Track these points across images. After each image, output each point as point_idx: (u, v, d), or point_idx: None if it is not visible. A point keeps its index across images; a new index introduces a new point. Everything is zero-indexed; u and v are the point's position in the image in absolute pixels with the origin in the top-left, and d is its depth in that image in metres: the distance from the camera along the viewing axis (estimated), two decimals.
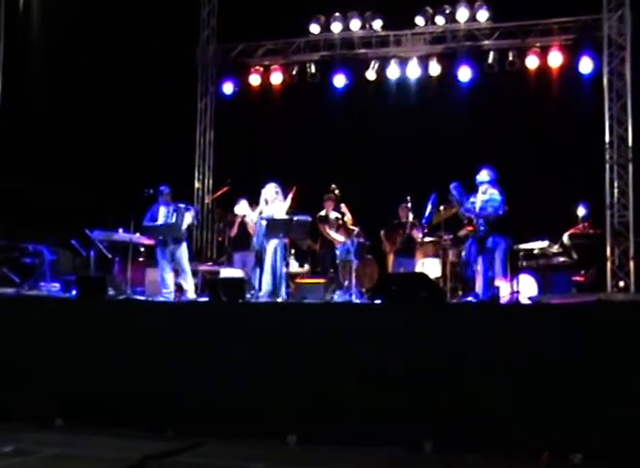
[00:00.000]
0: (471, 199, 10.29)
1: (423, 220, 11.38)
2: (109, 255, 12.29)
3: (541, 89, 14.23)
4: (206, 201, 15.34)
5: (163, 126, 14.88)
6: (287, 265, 11.10)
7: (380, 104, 14.96)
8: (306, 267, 13.17)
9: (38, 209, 13.36)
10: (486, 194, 10.20)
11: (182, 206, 11.52)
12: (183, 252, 11.34)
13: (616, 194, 13.15)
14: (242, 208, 11.62)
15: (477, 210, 10.14)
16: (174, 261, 11.24)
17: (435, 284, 9.56)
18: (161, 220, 11.36)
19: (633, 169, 13.05)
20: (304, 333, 8.25)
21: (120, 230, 12.21)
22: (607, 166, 13.34)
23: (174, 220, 11.28)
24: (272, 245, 10.62)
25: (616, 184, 13.22)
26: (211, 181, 16.13)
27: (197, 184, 16.06)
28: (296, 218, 10.50)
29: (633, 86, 13.30)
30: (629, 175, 13.06)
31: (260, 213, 10.86)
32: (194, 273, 11.89)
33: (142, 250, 12.62)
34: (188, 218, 11.54)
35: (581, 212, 11.93)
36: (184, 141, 15.94)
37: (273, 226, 10.33)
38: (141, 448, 7.71)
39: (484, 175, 10.40)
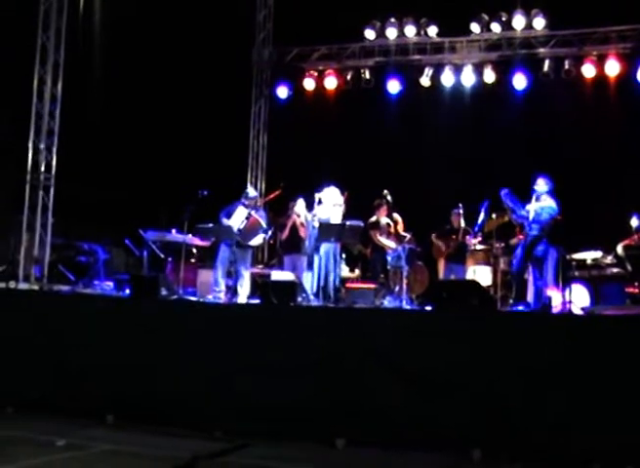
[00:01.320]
0: (526, 207, 10.23)
1: (476, 227, 11.35)
2: (162, 256, 12.44)
3: (598, 98, 14.09)
4: (258, 204, 15.39)
5: (217, 128, 15.02)
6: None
7: (433, 111, 14.94)
8: (357, 272, 13.19)
9: (93, 209, 13.60)
10: (541, 202, 10.13)
11: (264, 224, 11.58)
12: (248, 257, 11.44)
13: None
14: (300, 206, 11.65)
15: (531, 217, 10.07)
16: (234, 263, 11.32)
17: (486, 292, 9.52)
18: (235, 221, 11.44)
19: None
20: (354, 338, 8.27)
21: (173, 231, 12.35)
22: None
23: (242, 226, 11.35)
24: (323, 249, 10.65)
25: None
26: (264, 184, 16.23)
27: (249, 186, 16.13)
28: (348, 223, 10.55)
29: None
30: None
31: (314, 216, 10.90)
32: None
33: (195, 251, 12.75)
34: (259, 239, 11.66)
35: (635, 222, 11.77)
36: (238, 144, 16.06)
37: (326, 230, 10.37)
38: (190, 447, 7.76)
39: (542, 185, 10.35)
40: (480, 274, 12.04)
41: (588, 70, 14.19)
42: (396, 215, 12.83)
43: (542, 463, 7.33)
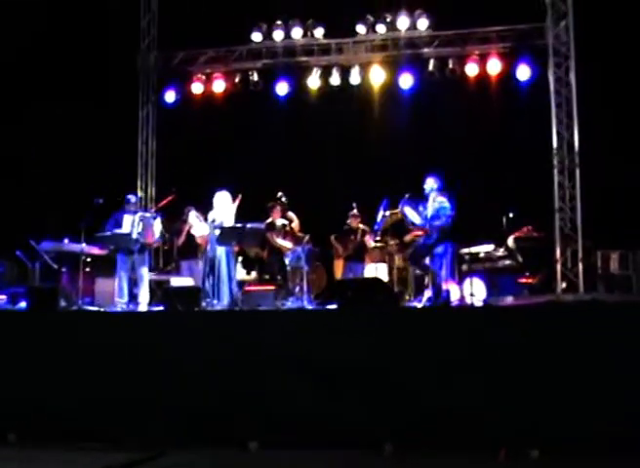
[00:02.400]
0: (420, 208, 10.45)
1: (375, 226, 11.52)
2: (55, 266, 12.13)
3: (481, 95, 14.49)
4: (151, 210, 15.15)
5: (105, 135, 14.73)
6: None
7: (323, 112, 15.03)
8: (253, 274, 13.19)
9: None
10: (435, 202, 10.38)
11: (148, 215, 11.48)
12: (145, 261, 11.30)
13: (567, 197, 13.47)
14: (191, 217, 11.59)
15: (429, 218, 10.29)
16: (133, 270, 11.17)
17: (390, 289, 9.71)
18: (126, 229, 11.26)
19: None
20: (263, 341, 8.31)
21: (66, 240, 12.07)
22: (555, 171, 13.61)
23: (139, 229, 11.20)
24: (222, 252, 10.62)
25: (566, 186, 13.54)
26: (154, 190, 15.97)
27: (140, 193, 15.85)
28: (249, 226, 10.55)
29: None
30: (577, 179, 13.38)
31: (213, 220, 10.85)
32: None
33: (89, 260, 12.48)
34: (158, 226, 11.54)
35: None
36: (126, 150, 15.78)
37: (226, 234, 10.33)
38: (102, 459, 7.67)
39: (430, 184, 10.61)
40: (377, 272, 12.24)
41: (471, 69, 14.56)
42: (291, 215, 12.94)
43: (454, 452, 7.56)
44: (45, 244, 11.75)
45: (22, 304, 10.58)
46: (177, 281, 11.67)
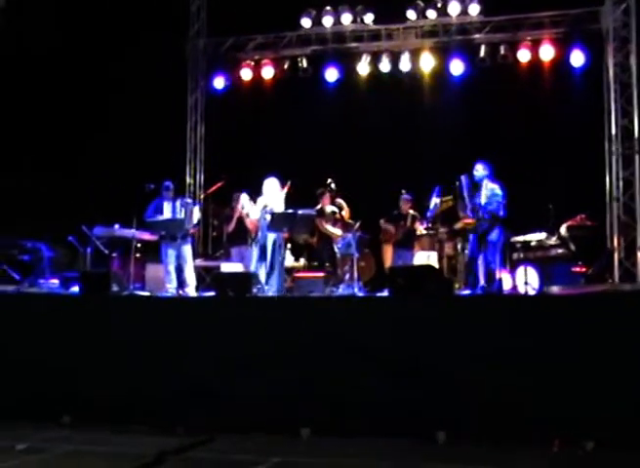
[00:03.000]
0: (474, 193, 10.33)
1: (429, 213, 11.42)
2: (106, 252, 12.22)
3: (534, 82, 14.29)
4: (200, 196, 15.18)
5: (154, 121, 14.75)
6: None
7: (373, 98, 14.95)
8: (302, 261, 13.17)
9: (31, 205, 13.30)
10: (487, 189, 10.26)
11: (190, 201, 11.56)
12: (189, 247, 11.34)
13: (621, 186, 13.25)
14: (243, 201, 11.57)
15: (482, 204, 10.17)
16: (179, 257, 11.22)
17: (443, 276, 9.62)
18: (167, 216, 11.34)
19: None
20: (316, 328, 8.29)
21: (116, 226, 12.16)
22: (613, 158, 13.41)
23: (182, 216, 11.27)
24: (273, 239, 10.59)
25: (621, 175, 13.31)
26: (202, 176, 16.02)
27: (189, 180, 15.94)
28: (300, 212, 10.52)
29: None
30: (636, 166, 13.16)
31: (265, 207, 10.82)
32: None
33: (139, 245, 12.55)
34: (197, 213, 11.63)
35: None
36: (176, 136, 15.82)
37: (278, 220, 10.30)
38: (155, 444, 7.71)
39: (480, 170, 10.49)
40: (428, 259, 12.13)
41: (524, 55, 14.35)
42: (341, 202, 12.86)
43: (506, 442, 7.49)
44: (97, 229, 11.83)
45: (75, 289, 10.68)
46: (227, 267, 11.69)
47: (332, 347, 8.20)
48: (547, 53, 14.27)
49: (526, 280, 9.51)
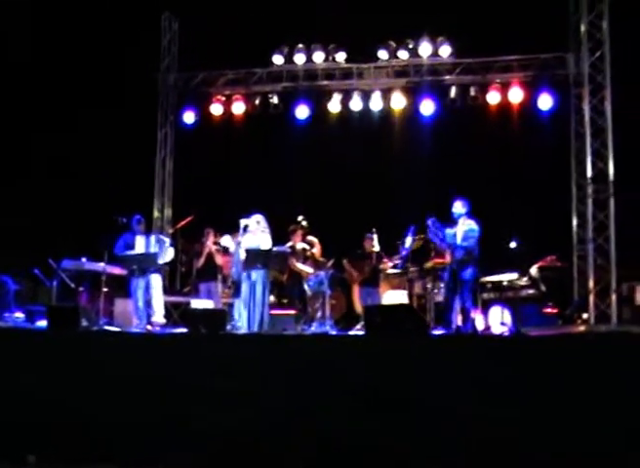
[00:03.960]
0: (448, 230, 10.33)
1: (403, 252, 11.40)
2: (73, 285, 12.03)
3: (503, 123, 14.48)
4: (169, 231, 15.00)
5: (122, 154, 14.67)
6: None
7: (343, 136, 14.99)
8: (271, 298, 13.03)
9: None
10: (464, 225, 10.28)
11: (167, 239, 11.45)
12: (159, 282, 11.20)
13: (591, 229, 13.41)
14: (227, 241, 11.46)
15: (458, 241, 10.18)
16: (148, 288, 11.08)
17: (420, 316, 9.58)
18: (140, 250, 11.18)
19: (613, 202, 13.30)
20: (291, 366, 8.18)
21: (83, 259, 11.98)
22: (589, 200, 13.52)
23: (156, 250, 11.13)
24: (258, 276, 10.40)
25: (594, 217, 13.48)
26: (170, 211, 15.93)
27: (156, 214, 15.82)
28: (275, 249, 10.43)
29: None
30: (611, 209, 13.27)
31: (239, 243, 10.71)
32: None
33: (104, 279, 12.36)
34: (171, 253, 11.51)
35: (513, 245, 11.89)
36: (144, 170, 15.73)
37: (253, 256, 10.19)
38: None
39: (459, 207, 10.48)
40: (396, 298, 12.10)
41: (493, 97, 14.55)
42: (313, 239, 12.80)
43: None
44: (66, 262, 11.64)
45: (42, 323, 10.47)
46: (197, 303, 11.54)
47: (307, 384, 8.09)
48: (516, 95, 14.48)
49: (502, 320, 9.52)
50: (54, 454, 8.41)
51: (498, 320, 10.13)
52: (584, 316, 12.37)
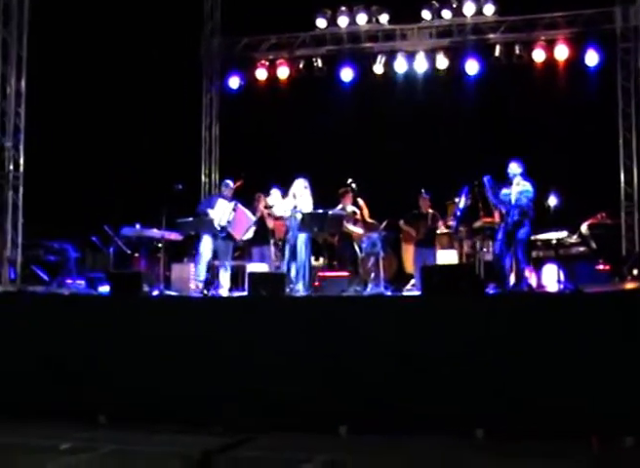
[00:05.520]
0: (504, 190, 10.40)
1: (458, 212, 11.46)
2: (129, 252, 12.27)
3: (549, 81, 14.41)
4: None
5: (169, 121, 14.82)
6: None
7: (388, 98, 15.03)
8: (321, 261, 13.20)
9: (52, 206, 13.33)
10: (519, 185, 10.34)
11: (249, 214, 11.70)
12: (230, 250, 11.43)
13: None
14: (274, 198, 11.58)
15: (513, 201, 10.26)
16: (215, 255, 11.28)
17: (477, 276, 9.70)
18: (217, 212, 11.39)
19: None
20: (356, 327, 8.37)
21: (137, 226, 12.17)
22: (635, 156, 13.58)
23: (230, 218, 11.34)
24: (302, 239, 10.66)
25: None
26: (217, 176, 16.09)
27: (204, 179, 16.04)
28: (331, 212, 10.59)
29: None
30: None
31: (295, 207, 10.88)
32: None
33: (160, 245, 12.59)
34: (250, 233, 11.95)
35: (553, 201, 11.87)
36: (190, 136, 15.89)
37: (309, 220, 10.37)
38: (197, 443, 7.77)
39: (514, 168, 10.51)
40: (447, 257, 12.20)
41: (538, 55, 14.48)
42: (361, 202, 12.90)
43: (547, 439, 7.58)
44: (125, 229, 11.84)
45: (104, 289, 10.73)
46: (252, 267, 11.72)
47: (364, 346, 8.29)
48: (562, 52, 14.41)
49: (558, 278, 9.61)
50: (121, 416, 8.75)
51: (553, 278, 10.18)
52: (635, 272, 12.38)
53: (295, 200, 10.96)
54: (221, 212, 11.40)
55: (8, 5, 12.39)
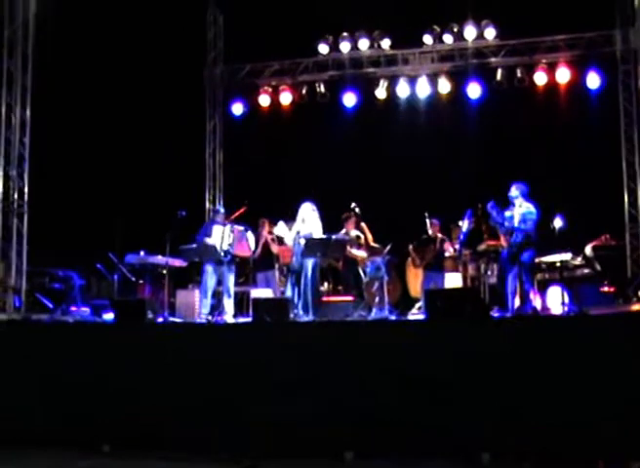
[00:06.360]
0: (507, 213, 10.42)
1: (461, 236, 11.47)
2: (133, 279, 12.30)
3: (551, 104, 14.46)
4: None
5: (173, 148, 14.88)
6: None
7: (391, 122, 15.11)
8: (326, 285, 13.21)
9: (55, 234, 13.38)
10: (522, 207, 10.35)
11: (241, 228, 11.62)
12: (232, 273, 11.45)
13: None
14: (280, 229, 11.61)
15: (516, 223, 10.26)
16: (219, 282, 11.30)
17: (481, 299, 9.69)
18: (216, 239, 11.38)
19: None
20: (356, 352, 8.35)
21: (142, 253, 12.21)
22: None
23: (231, 241, 11.36)
24: (309, 264, 10.65)
25: None
26: (222, 202, 16.14)
27: (208, 205, 16.08)
28: (334, 237, 10.60)
29: None
30: None
31: (298, 232, 10.90)
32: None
33: (165, 272, 12.62)
34: (252, 238, 11.87)
35: (558, 223, 11.87)
36: (194, 163, 15.97)
37: (312, 245, 10.38)
38: None
39: (513, 191, 10.54)
40: (451, 281, 12.20)
41: (540, 78, 14.55)
42: (364, 226, 12.92)
43: (551, 462, 7.55)
44: (129, 257, 11.88)
45: (108, 316, 10.75)
46: (256, 292, 11.74)
47: (371, 371, 8.27)
48: (563, 75, 14.48)
49: (563, 300, 9.59)
50: (126, 444, 8.72)
51: (558, 301, 10.16)
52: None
53: (302, 224, 10.94)
54: (219, 237, 11.41)
55: (12, 36, 12.49)
